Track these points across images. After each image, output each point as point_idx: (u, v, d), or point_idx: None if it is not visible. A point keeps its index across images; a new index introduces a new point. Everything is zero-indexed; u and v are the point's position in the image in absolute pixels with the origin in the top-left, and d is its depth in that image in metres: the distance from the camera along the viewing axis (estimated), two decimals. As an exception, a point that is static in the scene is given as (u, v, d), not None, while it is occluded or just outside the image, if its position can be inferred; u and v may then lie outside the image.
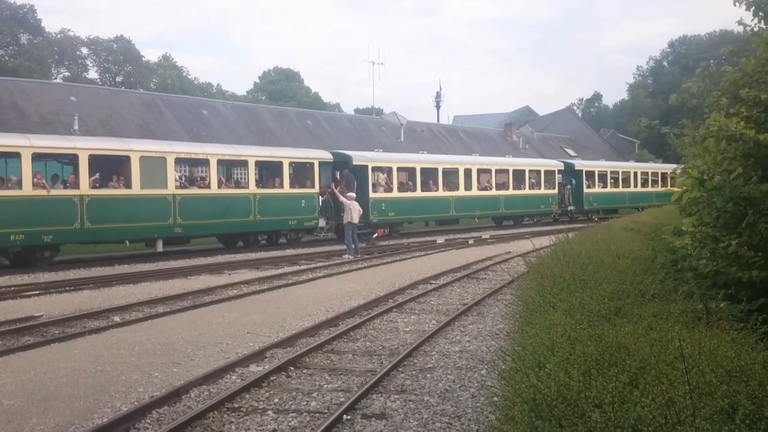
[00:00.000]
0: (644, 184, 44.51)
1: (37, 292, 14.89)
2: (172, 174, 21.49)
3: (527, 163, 38.82)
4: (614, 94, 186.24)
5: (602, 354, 4.08)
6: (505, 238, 28.70)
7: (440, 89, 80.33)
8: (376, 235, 27.09)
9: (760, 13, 6.88)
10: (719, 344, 4.26)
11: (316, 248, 25.13)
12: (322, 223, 26.13)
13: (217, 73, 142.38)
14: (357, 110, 76.93)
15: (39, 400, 7.03)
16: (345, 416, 6.50)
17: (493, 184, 34.55)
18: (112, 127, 32.45)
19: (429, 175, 30.86)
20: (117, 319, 11.83)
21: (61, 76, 61.25)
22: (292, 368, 8.34)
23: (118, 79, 65.46)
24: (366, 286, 15.05)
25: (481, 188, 33.73)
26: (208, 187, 22.69)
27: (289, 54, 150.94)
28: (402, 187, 29.58)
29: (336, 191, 23.57)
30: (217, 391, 7.44)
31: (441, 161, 32.76)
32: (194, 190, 22.45)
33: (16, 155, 18.23)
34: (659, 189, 41.95)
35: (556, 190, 38.12)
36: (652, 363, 3.89)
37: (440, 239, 28.16)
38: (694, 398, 3.27)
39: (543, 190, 36.88)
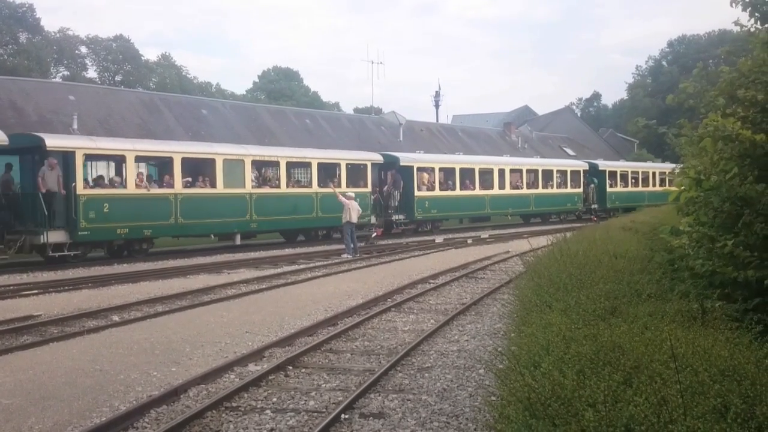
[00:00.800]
0: (662, 183, 45.49)
1: (36, 291, 14.90)
2: (249, 175, 23.73)
3: (555, 164, 40.69)
4: (613, 94, 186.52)
5: (597, 353, 4.11)
6: (504, 237, 28.74)
7: (439, 89, 79.92)
8: (374, 234, 27.16)
9: (756, 14, 6.91)
10: (713, 344, 4.29)
11: (314, 248, 25.15)
12: (373, 219, 28.17)
13: (216, 72, 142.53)
14: (356, 110, 76.89)
15: (37, 400, 7.05)
16: (343, 415, 6.52)
17: (524, 184, 36.30)
18: (111, 127, 32.45)
19: (467, 175, 32.98)
20: (116, 318, 11.85)
21: (60, 75, 61.30)
22: (291, 367, 8.36)
23: (118, 78, 65.45)
24: (365, 286, 15.07)
25: (513, 187, 35.47)
26: (279, 186, 24.98)
27: (288, 53, 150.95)
28: (443, 186, 31.63)
29: (337, 194, 23.80)
30: (216, 390, 7.46)
31: (478, 162, 34.91)
32: (267, 190, 24.72)
33: (122, 158, 20.79)
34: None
35: (581, 189, 39.90)
36: (646, 362, 3.91)
37: (439, 239, 28.19)
38: (686, 397, 3.29)
39: (569, 189, 38.85)
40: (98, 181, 20.89)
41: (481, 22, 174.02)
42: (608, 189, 41.48)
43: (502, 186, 34.50)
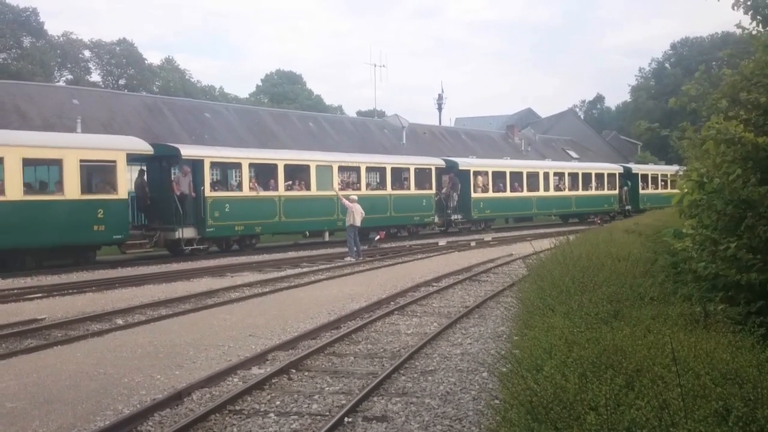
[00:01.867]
0: None
1: (40, 294, 14.94)
2: (336, 179, 26.71)
3: (593, 167, 43.05)
4: (617, 96, 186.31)
5: (599, 357, 4.11)
6: (507, 240, 28.72)
7: (442, 91, 79.97)
8: (378, 237, 27.22)
9: (759, 17, 6.91)
10: (716, 347, 4.28)
11: (318, 250, 25.18)
12: (436, 219, 31.04)
13: (219, 75, 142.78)
14: (359, 112, 77.02)
15: (41, 403, 7.07)
16: (346, 419, 6.52)
17: (566, 186, 38.88)
18: (114, 130, 32.50)
19: (515, 178, 35.63)
20: (119, 321, 11.87)
21: (63, 79, 61.50)
22: (294, 371, 8.36)
23: (121, 81, 65.62)
24: (368, 289, 15.07)
25: (556, 189, 38.25)
26: (359, 189, 27.62)
27: (291, 56, 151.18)
28: (495, 189, 34.36)
29: (340, 196, 23.91)
30: (219, 393, 7.47)
31: (526, 166, 37.92)
32: (350, 191, 26.52)
33: (238, 165, 24.13)
34: None
35: (617, 191, 42.16)
36: (648, 366, 3.91)
37: (442, 241, 28.18)
38: (688, 401, 3.29)
39: (606, 191, 41.25)
40: (220, 185, 24.30)
41: (482, 24, 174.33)
42: (640, 191, 43.75)
43: (546, 188, 37.15)
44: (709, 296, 6.41)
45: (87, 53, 65.47)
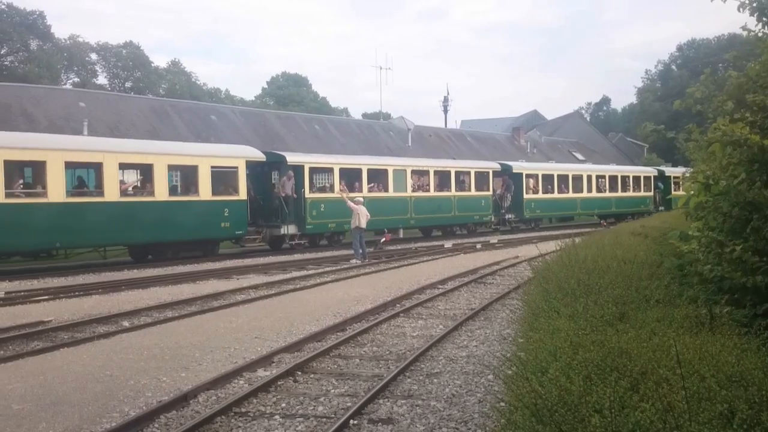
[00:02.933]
0: None
1: (47, 297, 14.99)
2: (409, 181, 29.84)
3: (630, 170, 45.53)
4: (623, 98, 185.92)
5: (604, 359, 4.10)
6: (513, 242, 28.70)
7: (448, 93, 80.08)
8: (383, 239, 27.30)
9: (764, 19, 6.90)
10: (721, 349, 4.28)
11: (323, 253, 25.23)
12: (493, 218, 34.00)
13: (225, 78, 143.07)
14: (365, 115, 77.01)
15: (48, 405, 7.10)
16: (352, 421, 6.53)
17: (607, 187, 41.27)
18: (121, 133, 32.63)
19: (562, 180, 38.43)
20: (126, 323, 11.90)
21: (70, 81, 61.63)
22: (300, 373, 8.37)
23: (127, 84, 65.76)
24: (373, 291, 15.08)
25: (598, 191, 40.63)
26: (429, 191, 30.85)
27: (296, 59, 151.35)
28: (544, 190, 37.20)
29: (345, 198, 24.02)
30: (225, 395, 7.49)
31: (571, 169, 41.21)
32: (421, 193, 30.52)
33: (330, 170, 27.34)
34: None
35: (651, 193, 44.22)
36: (653, 368, 3.90)
37: (448, 243, 28.19)
38: (692, 403, 3.29)
39: (642, 193, 43.52)
40: (316, 188, 27.39)
41: (487, 26, 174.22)
42: (673, 192, 45.04)
43: (589, 190, 39.79)
44: (715, 299, 6.40)
45: (93, 56, 65.62)
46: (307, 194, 25.84)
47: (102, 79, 65.34)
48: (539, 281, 9.48)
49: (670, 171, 46.66)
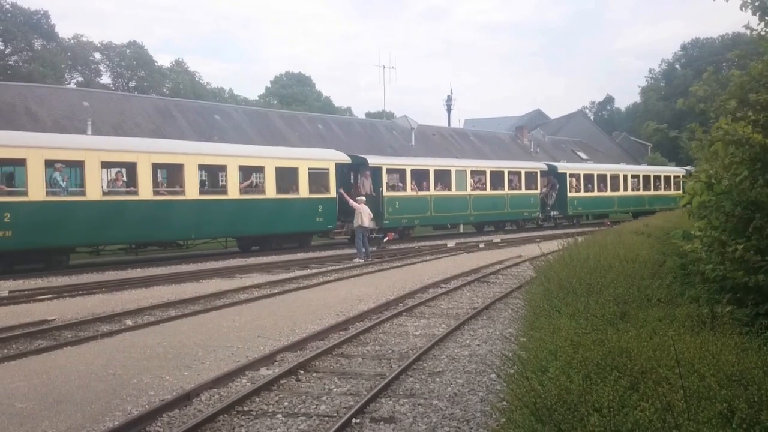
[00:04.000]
0: None
1: (51, 295, 15.02)
2: (469, 181, 32.57)
3: (662, 170, 47.86)
4: (626, 98, 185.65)
5: (604, 358, 4.11)
6: (516, 242, 28.69)
7: (451, 93, 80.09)
8: (386, 238, 27.34)
9: (766, 18, 6.88)
10: (722, 348, 4.27)
11: (327, 252, 25.25)
12: (540, 214, 36.82)
13: (228, 78, 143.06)
14: (368, 114, 77.04)
15: (51, 404, 7.12)
16: (354, 420, 6.54)
17: (641, 186, 43.88)
18: (125, 132, 32.68)
19: (601, 179, 40.90)
20: (129, 322, 11.93)
21: (74, 81, 61.72)
22: (302, 372, 8.39)
23: (131, 84, 65.82)
24: (376, 290, 15.08)
25: (633, 189, 43.33)
26: (485, 189, 33.62)
27: (300, 58, 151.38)
28: (585, 189, 39.73)
29: (345, 196, 24.08)
30: (228, 394, 7.51)
31: (609, 169, 43.32)
32: (479, 192, 33.23)
33: (404, 171, 30.30)
34: None
35: (681, 191, 45.25)
36: (653, 367, 3.90)
37: (451, 243, 28.19)
38: (692, 402, 3.29)
39: (672, 191, 45.29)
40: (391, 187, 30.02)
41: (490, 26, 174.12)
42: None
43: (625, 188, 42.46)
44: (717, 298, 6.39)
45: (97, 55, 65.66)
46: (384, 192, 28.62)
47: (106, 79, 65.46)
48: (541, 280, 9.47)
49: None
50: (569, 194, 38.26)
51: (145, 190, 20.67)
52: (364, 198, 23.75)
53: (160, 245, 23.47)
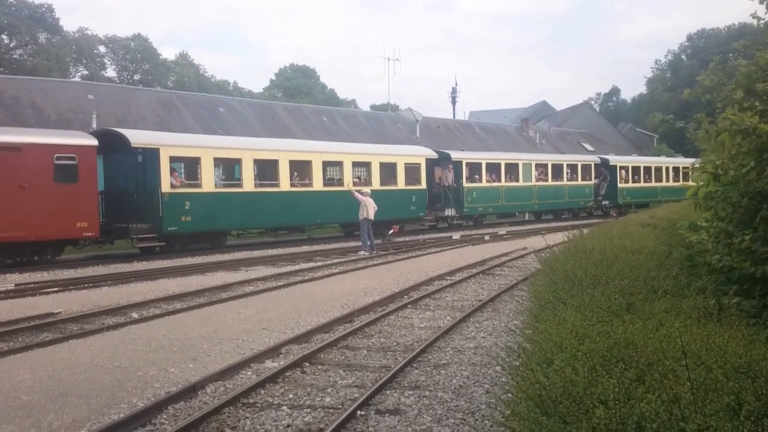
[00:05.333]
0: None
1: (56, 288, 15.06)
2: (534, 173, 36.29)
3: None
4: (632, 89, 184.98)
5: (610, 350, 4.08)
6: (521, 234, 28.64)
7: (456, 84, 79.85)
8: (391, 231, 27.40)
9: (773, 7, 6.81)
10: (729, 340, 4.24)
11: (331, 245, 25.27)
12: (593, 204, 40.39)
13: (233, 70, 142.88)
14: (372, 106, 76.93)
15: (57, 396, 7.13)
16: (359, 412, 6.54)
17: (681, 177, 45.86)
18: (129, 125, 32.63)
19: (647, 171, 44.45)
20: (134, 315, 11.95)
21: (79, 74, 61.78)
22: (307, 364, 8.39)
23: (136, 77, 65.86)
24: (381, 283, 15.08)
25: (674, 180, 45.75)
26: (547, 180, 37.48)
27: (304, 51, 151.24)
28: (633, 180, 43.43)
29: (355, 193, 24.13)
30: (233, 386, 7.51)
31: (653, 161, 47.11)
32: (542, 183, 37.02)
33: (479, 165, 33.78)
34: None
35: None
36: (659, 359, 3.88)
37: (456, 235, 28.18)
38: (699, 395, 3.27)
39: None
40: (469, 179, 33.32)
41: (495, 17, 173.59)
42: None
43: (667, 179, 45.65)
44: (724, 289, 6.35)
45: (102, 49, 65.72)
46: (465, 184, 32.44)
47: (110, 72, 65.53)
48: (546, 272, 9.44)
49: None
50: (619, 185, 41.99)
51: (285, 183, 24.90)
52: (368, 191, 23.74)
53: (290, 230, 27.14)
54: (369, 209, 22.46)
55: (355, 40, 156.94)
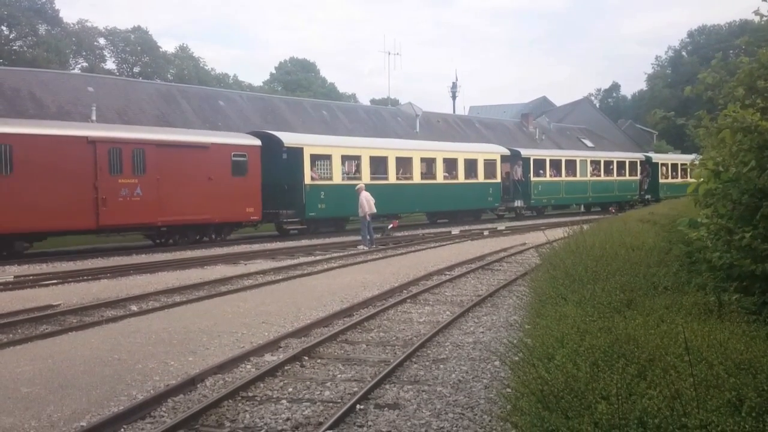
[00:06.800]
0: None
1: (56, 281, 15.07)
2: (588, 168, 40.58)
3: None
4: (633, 85, 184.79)
5: (611, 346, 4.08)
6: (521, 229, 28.67)
7: (456, 79, 79.71)
8: (391, 226, 27.44)
9: (776, 4, 6.80)
10: (730, 337, 4.25)
11: (331, 239, 25.28)
12: (637, 197, 43.82)
13: (233, 63, 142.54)
14: (372, 101, 76.82)
15: (56, 388, 7.14)
16: (358, 406, 6.55)
17: None
18: (129, 118, 32.64)
19: (684, 168, 45.72)
20: (134, 308, 11.96)
21: (78, 66, 61.55)
22: (307, 358, 8.40)
23: (136, 69, 65.67)
24: (380, 277, 15.09)
25: None
26: (600, 176, 41.45)
27: (304, 44, 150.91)
28: (671, 176, 47.03)
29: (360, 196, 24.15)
30: (232, 380, 7.52)
31: (689, 159, 48.71)
32: (595, 178, 41.13)
33: (544, 161, 38.10)
34: None
35: None
36: (661, 355, 3.88)
37: (455, 230, 28.19)
38: (700, 390, 3.27)
39: None
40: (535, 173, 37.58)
41: (496, 12, 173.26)
42: None
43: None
44: (724, 286, 6.34)
45: (102, 41, 65.45)
46: (533, 178, 36.71)
47: (110, 64, 65.28)
48: (546, 268, 9.45)
49: None
50: (660, 180, 45.86)
51: (392, 176, 29.57)
52: (363, 185, 23.71)
53: (391, 217, 30.15)
54: (369, 204, 22.50)
55: (355, 33, 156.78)
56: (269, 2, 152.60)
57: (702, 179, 7.62)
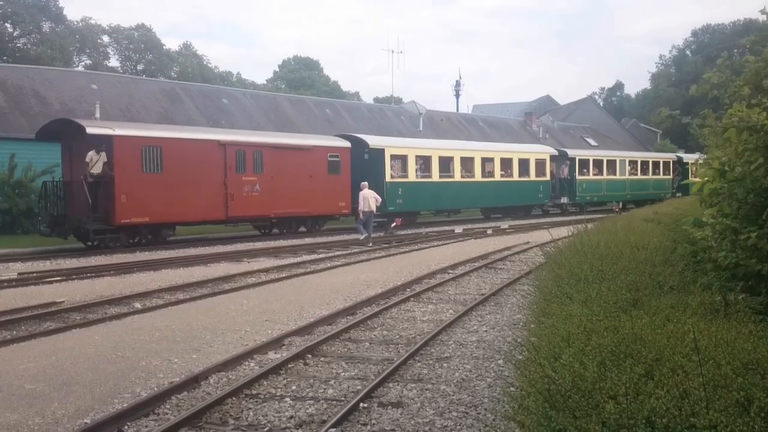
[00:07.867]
0: None
1: (59, 278, 15.08)
2: (627, 168, 43.19)
3: None
4: (636, 84, 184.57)
5: (618, 345, 4.07)
6: (524, 228, 28.64)
7: (460, 78, 79.64)
8: (393, 224, 27.46)
9: (783, 3, 6.78)
10: (736, 336, 4.23)
11: (334, 237, 25.28)
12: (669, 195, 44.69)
13: (236, 62, 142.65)
14: (376, 99, 76.76)
15: (60, 385, 7.14)
16: (362, 404, 6.54)
17: None
18: (132, 116, 32.66)
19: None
20: (137, 305, 11.96)
21: (82, 64, 61.68)
22: (310, 356, 8.40)
23: (139, 67, 65.78)
24: (384, 275, 15.08)
25: None
26: (636, 175, 43.93)
27: (308, 42, 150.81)
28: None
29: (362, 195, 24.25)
30: (236, 377, 7.52)
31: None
32: (633, 177, 43.78)
33: (588, 161, 40.96)
34: None
35: None
36: (668, 355, 3.87)
37: (458, 229, 28.19)
38: (709, 390, 3.26)
39: None
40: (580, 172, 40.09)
41: (500, 11, 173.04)
42: None
43: None
44: (730, 286, 6.32)
45: (106, 38, 65.58)
46: (577, 177, 39.29)
47: (114, 62, 65.42)
48: (551, 266, 9.43)
49: None
50: (691, 178, 46.11)
51: (457, 175, 32.00)
52: (366, 183, 23.75)
53: (455, 212, 34.86)
54: (370, 201, 22.55)
55: (358, 32, 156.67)
56: (273, 1, 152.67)
57: (707, 178, 7.60)
